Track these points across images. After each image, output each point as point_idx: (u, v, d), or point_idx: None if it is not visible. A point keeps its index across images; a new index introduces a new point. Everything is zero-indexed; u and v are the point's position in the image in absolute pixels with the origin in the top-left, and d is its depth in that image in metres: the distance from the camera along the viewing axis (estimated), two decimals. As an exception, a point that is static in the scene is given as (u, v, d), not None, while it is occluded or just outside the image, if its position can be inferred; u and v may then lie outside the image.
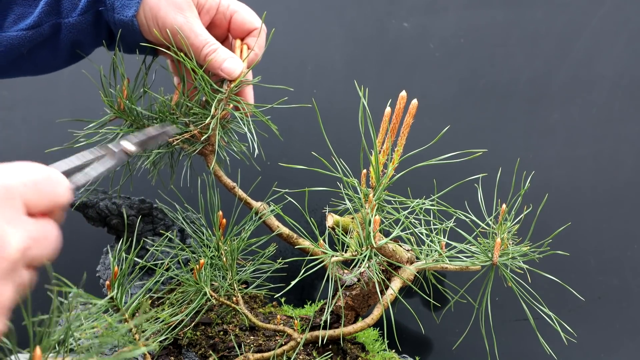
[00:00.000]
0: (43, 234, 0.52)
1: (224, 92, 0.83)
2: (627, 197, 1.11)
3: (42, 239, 0.51)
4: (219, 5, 0.86)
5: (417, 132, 0.77)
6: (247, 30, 0.88)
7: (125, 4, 0.82)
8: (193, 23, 0.82)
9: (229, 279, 0.82)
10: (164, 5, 0.81)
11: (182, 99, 0.85)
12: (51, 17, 0.83)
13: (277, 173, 0.91)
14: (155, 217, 1.02)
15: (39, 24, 0.83)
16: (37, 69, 0.90)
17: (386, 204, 0.73)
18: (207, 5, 0.85)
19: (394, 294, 0.79)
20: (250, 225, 0.83)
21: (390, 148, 0.71)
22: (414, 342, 1.11)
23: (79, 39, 0.86)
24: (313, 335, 0.80)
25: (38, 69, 0.90)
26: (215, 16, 0.87)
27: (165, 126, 0.76)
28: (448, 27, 1.17)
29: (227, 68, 0.83)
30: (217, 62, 0.83)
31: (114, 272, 0.69)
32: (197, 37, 0.82)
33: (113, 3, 0.83)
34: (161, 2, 0.81)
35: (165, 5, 0.81)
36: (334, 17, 1.20)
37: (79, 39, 0.86)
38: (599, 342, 1.09)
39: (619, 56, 1.12)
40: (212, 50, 0.83)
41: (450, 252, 0.79)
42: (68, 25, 0.84)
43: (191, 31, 0.82)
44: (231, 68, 0.83)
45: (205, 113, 0.83)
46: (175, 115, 0.85)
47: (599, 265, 1.10)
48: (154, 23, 0.82)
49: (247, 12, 0.88)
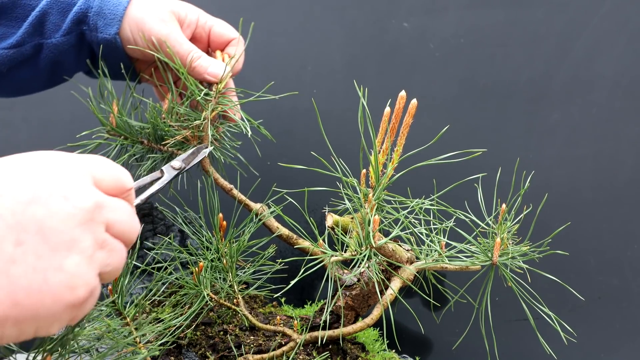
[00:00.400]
0: (116, 204, 0.53)
1: (212, 92, 0.86)
2: (627, 197, 1.11)
3: (116, 208, 0.52)
4: (198, 20, 0.91)
5: (417, 132, 0.77)
6: (225, 41, 0.92)
7: (107, 23, 0.86)
8: (177, 34, 0.87)
9: (229, 280, 0.82)
10: (148, 18, 0.85)
11: (172, 104, 0.87)
12: (34, 38, 0.86)
13: (276, 173, 0.91)
14: (156, 217, 1.02)
15: (21, 43, 0.86)
16: (15, 90, 0.93)
17: (386, 204, 0.73)
18: (187, 20, 0.90)
19: (394, 294, 0.79)
20: (251, 228, 0.83)
21: (390, 148, 0.71)
22: (414, 342, 1.11)
23: (60, 59, 0.88)
24: (312, 336, 0.80)
25: (16, 89, 0.93)
26: (196, 30, 0.91)
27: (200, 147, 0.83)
28: (448, 27, 1.17)
29: (212, 71, 0.87)
30: (202, 67, 0.87)
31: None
32: (182, 45, 0.86)
33: (96, 22, 0.86)
34: (146, 16, 0.85)
35: (150, 18, 0.85)
36: (334, 17, 1.20)
37: (60, 59, 0.88)
38: (599, 342, 1.08)
39: (619, 56, 1.12)
40: (196, 57, 0.87)
41: (450, 252, 0.79)
42: (50, 46, 0.87)
43: (176, 41, 0.86)
44: (216, 71, 0.87)
45: (196, 116, 0.86)
46: (165, 122, 0.87)
47: (599, 265, 1.10)
48: (140, 36, 0.86)
49: (224, 25, 0.93)
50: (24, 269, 0.44)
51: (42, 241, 0.45)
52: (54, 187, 0.47)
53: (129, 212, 0.54)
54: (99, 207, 0.50)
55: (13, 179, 0.46)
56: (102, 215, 0.50)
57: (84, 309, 0.49)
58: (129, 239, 0.54)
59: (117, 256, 0.52)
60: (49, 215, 0.46)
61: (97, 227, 0.49)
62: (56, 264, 0.46)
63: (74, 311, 0.48)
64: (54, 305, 0.45)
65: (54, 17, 0.86)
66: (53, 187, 0.47)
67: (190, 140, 0.87)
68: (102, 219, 0.50)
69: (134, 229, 0.55)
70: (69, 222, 0.47)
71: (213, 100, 0.86)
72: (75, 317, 0.49)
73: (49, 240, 0.45)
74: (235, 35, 0.92)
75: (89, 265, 0.48)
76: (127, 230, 0.53)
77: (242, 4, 1.22)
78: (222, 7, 0.94)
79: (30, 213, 0.45)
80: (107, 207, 0.51)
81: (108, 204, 0.51)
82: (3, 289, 0.43)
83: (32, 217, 0.45)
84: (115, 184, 0.54)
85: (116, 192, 0.54)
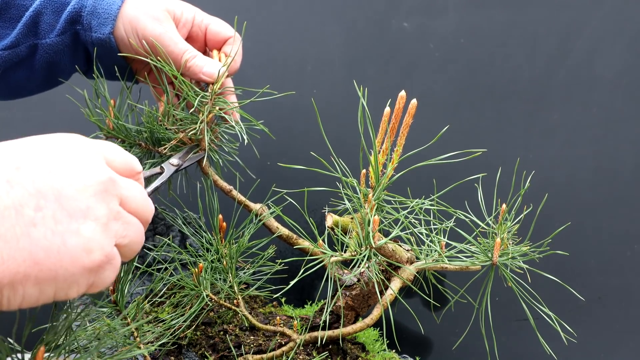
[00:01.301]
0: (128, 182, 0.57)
1: (208, 94, 0.85)
2: (627, 197, 1.11)
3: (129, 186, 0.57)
4: (194, 19, 0.90)
5: (417, 132, 0.77)
6: (222, 40, 0.91)
7: (101, 22, 0.85)
8: (171, 33, 0.85)
9: (229, 281, 0.82)
10: (143, 17, 0.84)
11: (168, 108, 0.86)
12: (29, 38, 0.86)
13: (276, 173, 0.91)
14: (156, 217, 1.02)
15: (16, 44, 0.85)
16: (11, 92, 0.92)
17: (385, 204, 0.73)
18: (183, 19, 0.89)
19: (394, 294, 0.79)
20: (250, 228, 0.83)
21: (390, 148, 0.71)
22: (414, 342, 1.11)
23: (55, 60, 0.88)
24: (312, 336, 0.80)
25: (12, 92, 0.92)
26: (192, 29, 0.90)
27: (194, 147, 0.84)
28: (448, 27, 1.17)
29: (207, 71, 0.85)
30: (198, 67, 0.85)
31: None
32: (176, 45, 0.85)
33: (90, 22, 0.85)
34: (140, 15, 0.84)
35: (145, 17, 0.84)
36: (334, 17, 1.20)
37: (55, 60, 0.88)
38: (599, 342, 1.08)
39: (619, 56, 1.12)
40: (191, 57, 0.85)
41: (450, 252, 0.79)
42: (45, 46, 0.86)
43: (170, 40, 0.85)
44: (211, 70, 0.85)
45: (193, 118, 0.85)
46: (162, 125, 0.86)
47: (599, 265, 1.10)
48: (134, 35, 0.85)
49: (220, 23, 0.91)
50: (43, 232, 0.48)
51: (60, 207, 0.49)
52: (71, 161, 0.51)
53: (142, 191, 0.59)
54: (113, 182, 0.54)
55: (34, 153, 0.50)
56: (115, 189, 0.54)
57: (101, 275, 0.52)
58: (144, 216, 0.58)
59: (133, 229, 0.55)
60: (67, 184, 0.50)
61: (111, 199, 0.53)
62: (73, 228, 0.49)
63: (91, 276, 0.51)
64: (71, 267, 0.49)
65: (47, 17, 0.85)
66: (70, 161, 0.51)
67: (188, 143, 0.86)
68: (116, 193, 0.54)
69: (148, 207, 0.59)
70: (84, 191, 0.51)
71: (209, 102, 0.84)
72: (94, 284, 0.52)
73: (67, 207, 0.49)
74: (231, 34, 0.91)
75: (104, 233, 0.51)
76: (142, 207, 0.57)
77: (242, 4, 1.22)
78: (222, 7, 0.94)
79: (49, 182, 0.49)
80: (120, 183, 0.55)
81: (121, 180, 0.56)
82: (25, 249, 0.47)
83: (50, 186, 0.49)
84: (126, 165, 0.58)
85: (127, 174, 0.58)
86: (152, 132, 0.87)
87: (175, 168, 0.83)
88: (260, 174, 0.92)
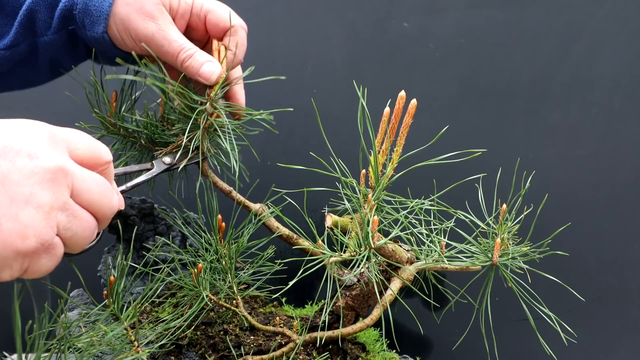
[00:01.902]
0: (86, 174, 0.56)
1: (205, 101, 0.80)
2: (627, 197, 1.11)
3: (86, 178, 0.56)
4: (193, 7, 0.83)
5: (417, 132, 0.77)
6: (222, 30, 0.84)
7: (94, 21, 0.80)
8: (166, 29, 0.79)
9: (229, 282, 0.82)
10: (133, 16, 0.78)
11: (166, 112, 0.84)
12: (27, 37, 0.83)
13: (276, 173, 0.91)
14: (156, 217, 1.02)
15: (16, 43, 0.82)
16: (22, 84, 0.91)
17: (385, 204, 0.73)
18: (180, 9, 0.82)
19: (394, 295, 0.79)
20: (250, 228, 0.83)
21: (390, 148, 0.71)
22: (414, 342, 1.11)
23: (56, 56, 0.85)
24: (312, 336, 0.80)
25: (22, 84, 0.91)
26: (191, 18, 0.84)
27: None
28: (448, 27, 1.17)
29: (204, 73, 0.80)
30: (194, 67, 0.80)
31: (110, 281, 0.69)
32: (172, 43, 0.79)
33: (83, 20, 0.81)
34: (130, 13, 0.78)
35: (135, 15, 0.78)
36: (334, 17, 1.20)
37: (56, 56, 0.85)
38: (599, 342, 1.08)
39: (619, 56, 1.12)
40: (188, 56, 0.80)
41: (450, 253, 0.79)
42: (44, 44, 0.83)
43: (164, 39, 0.79)
44: (208, 72, 0.80)
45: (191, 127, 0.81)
46: (161, 128, 0.85)
47: (599, 265, 1.10)
48: (127, 35, 0.80)
49: (220, 10, 0.83)
50: None
51: (3, 192, 0.50)
52: (23, 147, 0.52)
53: (101, 185, 0.58)
54: (64, 172, 0.53)
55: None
56: (66, 179, 0.53)
57: (37, 262, 0.53)
58: (101, 212, 0.58)
59: (79, 223, 0.55)
60: (13, 169, 0.51)
61: (58, 189, 0.53)
62: (12, 213, 0.50)
63: (25, 261, 0.52)
64: (3, 250, 0.50)
65: (42, 14, 0.81)
66: (22, 147, 0.52)
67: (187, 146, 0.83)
68: (66, 184, 0.53)
69: (106, 202, 0.58)
70: (30, 178, 0.51)
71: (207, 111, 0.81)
72: (28, 269, 0.53)
73: (9, 191, 0.50)
74: (232, 23, 0.83)
75: (44, 221, 0.52)
76: (97, 201, 0.57)
77: (242, 4, 1.22)
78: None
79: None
80: (74, 174, 0.54)
81: (76, 171, 0.55)
82: None
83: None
84: (91, 154, 0.58)
85: (91, 164, 0.58)
86: (152, 132, 0.86)
87: (166, 167, 0.81)
88: (260, 174, 0.92)
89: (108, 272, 0.71)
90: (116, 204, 0.61)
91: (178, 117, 0.83)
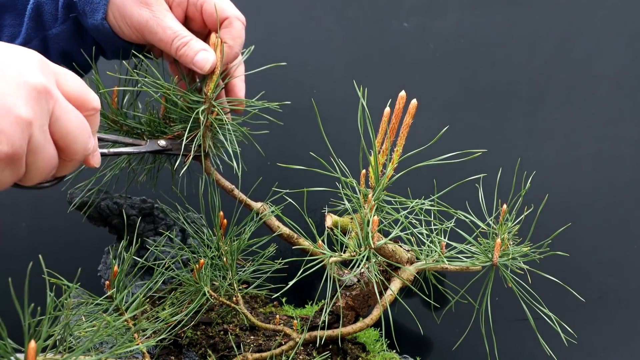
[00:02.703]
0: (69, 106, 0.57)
1: (204, 100, 0.80)
2: (627, 197, 1.11)
3: (67, 109, 0.57)
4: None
5: (417, 132, 0.77)
6: (218, 21, 0.81)
7: (93, 8, 0.80)
8: (160, 16, 0.78)
9: (229, 279, 0.82)
10: (129, 3, 0.78)
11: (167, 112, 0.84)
12: (38, 32, 0.83)
13: (276, 173, 0.91)
14: (157, 217, 1.02)
15: (28, 40, 0.83)
16: None
17: (385, 204, 0.73)
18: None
19: (394, 295, 0.79)
20: (251, 226, 0.83)
21: (390, 148, 0.71)
22: (415, 342, 1.11)
23: (66, 49, 0.85)
24: (312, 336, 0.80)
25: None
26: (188, 8, 0.82)
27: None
28: (448, 28, 1.17)
29: (198, 61, 0.79)
30: (189, 55, 0.79)
31: (114, 271, 0.70)
32: (166, 30, 0.78)
33: (84, 8, 0.81)
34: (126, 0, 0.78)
35: (131, 2, 0.78)
36: (334, 17, 1.20)
37: (66, 49, 0.85)
38: (599, 342, 1.08)
39: (619, 56, 1.12)
40: (182, 44, 0.78)
41: (450, 253, 0.79)
42: (53, 37, 0.83)
43: (158, 25, 0.78)
44: (202, 61, 0.79)
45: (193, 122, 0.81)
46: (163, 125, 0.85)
47: (599, 265, 1.10)
48: (124, 23, 0.79)
49: (214, 2, 0.81)
50: None
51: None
52: (15, 64, 0.54)
53: (82, 122, 0.59)
54: (49, 93, 0.55)
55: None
56: (49, 102, 0.55)
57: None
58: (73, 147, 0.59)
59: (44, 154, 0.56)
60: (1, 80, 0.53)
61: (40, 108, 0.54)
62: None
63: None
64: None
65: (48, 6, 0.81)
66: (13, 63, 0.54)
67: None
68: (48, 107, 0.55)
69: (81, 139, 0.59)
70: (16, 90, 0.53)
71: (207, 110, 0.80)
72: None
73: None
74: (227, 14, 0.81)
75: (20, 133, 0.53)
76: (73, 135, 0.58)
77: (242, 4, 1.22)
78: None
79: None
80: (58, 100, 0.56)
81: (60, 98, 0.56)
82: None
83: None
84: (78, 94, 0.59)
85: (78, 104, 0.59)
86: (154, 133, 0.86)
87: (159, 148, 0.81)
88: (260, 174, 0.92)
89: (113, 262, 0.71)
90: (90, 147, 0.61)
91: (179, 114, 0.83)
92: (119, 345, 0.63)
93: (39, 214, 1.25)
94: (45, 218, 1.25)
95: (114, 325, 0.64)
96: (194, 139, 0.82)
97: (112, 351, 0.60)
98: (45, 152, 0.56)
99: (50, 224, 1.25)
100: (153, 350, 0.83)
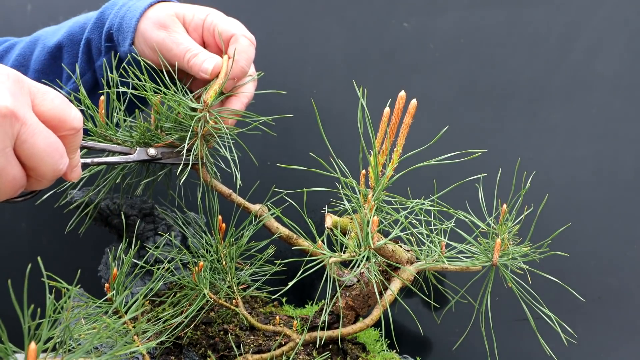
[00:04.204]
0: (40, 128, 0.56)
1: (202, 108, 0.81)
2: (627, 197, 1.11)
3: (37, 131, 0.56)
4: (204, 21, 0.87)
5: (417, 132, 0.77)
6: (226, 40, 0.86)
7: (124, 37, 0.87)
8: (175, 35, 0.84)
9: (229, 281, 0.82)
10: (149, 27, 0.84)
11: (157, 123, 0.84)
12: (89, 65, 0.91)
13: (276, 174, 0.91)
14: (157, 217, 1.02)
15: (82, 73, 0.91)
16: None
17: (385, 205, 0.73)
18: (193, 22, 0.87)
19: (394, 295, 0.79)
20: (250, 229, 0.83)
21: (389, 148, 0.71)
22: (415, 342, 1.11)
23: (99, 80, 0.91)
24: (312, 336, 0.80)
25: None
26: (204, 33, 0.88)
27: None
28: (448, 28, 1.17)
29: (204, 68, 0.83)
30: (197, 65, 0.84)
31: (113, 273, 0.70)
32: (179, 46, 0.84)
33: (117, 38, 0.88)
34: (147, 25, 0.85)
35: (151, 26, 0.84)
36: (334, 17, 1.20)
37: (99, 80, 0.91)
38: (599, 342, 1.08)
39: (619, 56, 1.12)
40: (192, 56, 0.83)
41: (450, 253, 0.79)
42: (98, 68, 0.90)
43: (172, 42, 0.84)
44: (206, 66, 0.83)
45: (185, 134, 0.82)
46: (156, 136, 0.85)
47: (599, 266, 1.10)
48: (145, 46, 0.85)
49: (225, 23, 0.87)
50: None
51: None
52: None
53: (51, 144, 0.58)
54: (15, 117, 0.54)
55: None
56: (13, 126, 0.54)
57: None
58: (40, 170, 0.58)
59: (4, 173, 0.56)
60: None
61: (1, 131, 0.53)
62: None
63: None
64: None
65: (95, 41, 0.89)
66: None
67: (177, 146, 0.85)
68: (12, 131, 0.54)
69: (48, 162, 0.58)
70: None
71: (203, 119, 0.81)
72: None
73: None
74: (232, 33, 0.86)
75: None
76: (38, 158, 0.57)
77: (242, 4, 1.22)
78: (222, 7, 0.94)
79: None
80: (25, 123, 0.55)
81: (28, 121, 0.55)
82: None
83: None
84: (55, 114, 0.58)
85: (54, 124, 0.58)
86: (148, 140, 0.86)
87: (148, 158, 0.82)
88: (259, 175, 0.92)
89: (112, 264, 0.71)
90: (62, 168, 0.60)
91: (173, 124, 0.83)
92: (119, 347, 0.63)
93: (39, 214, 1.26)
94: (45, 218, 1.25)
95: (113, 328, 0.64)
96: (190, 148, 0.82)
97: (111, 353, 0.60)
98: (6, 174, 0.56)
99: (50, 224, 1.25)
100: (154, 351, 0.83)
